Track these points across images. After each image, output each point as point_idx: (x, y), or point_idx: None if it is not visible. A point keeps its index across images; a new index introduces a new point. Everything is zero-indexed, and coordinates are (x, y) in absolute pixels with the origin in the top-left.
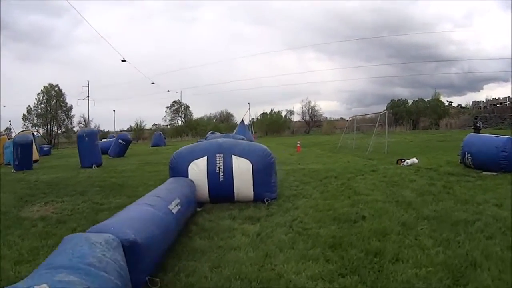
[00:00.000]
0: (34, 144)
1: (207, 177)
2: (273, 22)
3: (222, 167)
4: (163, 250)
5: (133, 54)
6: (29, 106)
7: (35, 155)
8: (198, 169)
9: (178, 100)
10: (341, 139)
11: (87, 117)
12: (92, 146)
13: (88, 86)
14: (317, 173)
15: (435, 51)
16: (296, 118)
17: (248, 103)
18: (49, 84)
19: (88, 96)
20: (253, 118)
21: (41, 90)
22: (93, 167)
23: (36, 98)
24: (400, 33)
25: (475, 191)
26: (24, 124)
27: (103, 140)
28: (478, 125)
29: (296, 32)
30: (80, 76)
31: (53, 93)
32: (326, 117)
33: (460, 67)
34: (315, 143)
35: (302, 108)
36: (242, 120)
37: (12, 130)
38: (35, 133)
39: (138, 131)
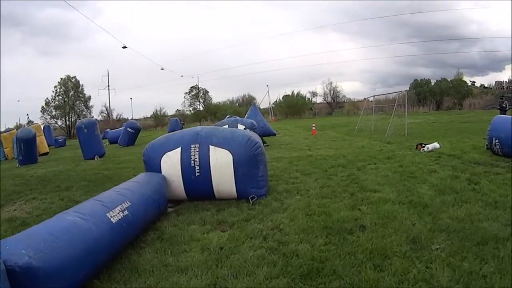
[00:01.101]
0: (44, 136)
1: (181, 172)
2: (293, 3)
3: (197, 159)
4: (85, 274)
5: (151, 41)
6: (47, 98)
7: (45, 148)
8: (170, 162)
9: (196, 85)
10: (359, 121)
11: (108, 106)
12: (92, 137)
13: (108, 76)
14: (325, 160)
15: (456, 31)
16: (319, 100)
17: (267, 86)
18: (66, 76)
19: (108, 86)
20: (275, 101)
21: (58, 82)
22: (95, 158)
23: (53, 90)
24: (422, 11)
25: (507, 188)
26: (42, 116)
27: (114, 129)
28: (505, 105)
29: (316, 13)
30: (100, 67)
31: (70, 84)
32: (350, 98)
33: (481, 47)
34: (334, 125)
35: (324, 89)
36: (254, 103)
37: (33, 123)
38: (44, 125)
39: (158, 118)
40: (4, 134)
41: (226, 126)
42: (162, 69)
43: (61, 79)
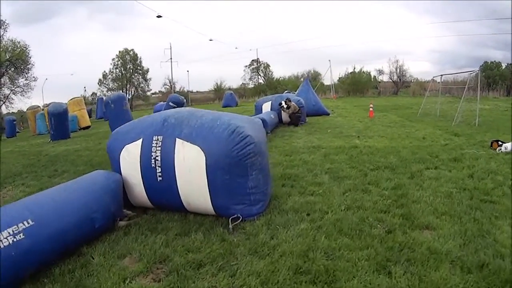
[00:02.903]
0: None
1: (141, 174)
2: None
3: (159, 158)
4: None
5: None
6: (104, 71)
7: (86, 122)
8: (130, 159)
9: (258, 58)
10: (423, 104)
11: (171, 79)
12: (120, 112)
13: (170, 49)
14: (371, 156)
15: None
16: (384, 78)
17: (329, 60)
18: (124, 49)
19: (171, 58)
20: (339, 77)
21: (116, 55)
22: None
23: (111, 63)
24: None
25: None
26: (99, 89)
27: (160, 103)
28: None
29: None
30: (164, 41)
31: (127, 57)
32: (417, 78)
33: None
34: (396, 106)
35: (390, 67)
36: (306, 78)
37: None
38: (99, 97)
39: (218, 91)
40: (30, 111)
41: (269, 103)
42: (210, 40)
43: (119, 51)
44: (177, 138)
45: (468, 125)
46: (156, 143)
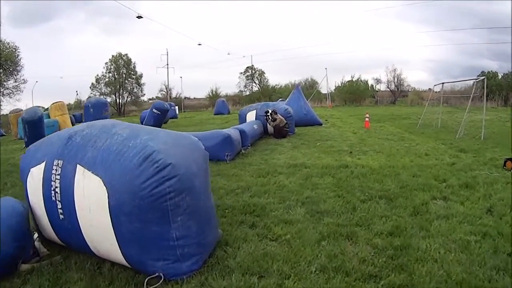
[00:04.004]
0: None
1: (44, 206)
2: None
3: (58, 190)
4: None
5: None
6: (97, 75)
7: (69, 126)
8: (33, 186)
9: (252, 65)
10: (423, 114)
11: (167, 85)
12: (99, 118)
13: (167, 54)
14: (363, 180)
15: None
16: (382, 87)
17: (326, 68)
18: (118, 53)
19: (167, 64)
20: (336, 86)
21: (109, 59)
22: None
23: (104, 67)
24: None
25: None
26: (92, 93)
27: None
28: None
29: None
30: (160, 46)
31: (121, 62)
32: (414, 87)
33: None
34: (394, 116)
35: (387, 76)
36: (297, 86)
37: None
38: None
39: (213, 98)
40: (12, 114)
41: (254, 112)
42: (199, 44)
43: (112, 56)
44: (78, 165)
45: (473, 139)
46: (56, 170)
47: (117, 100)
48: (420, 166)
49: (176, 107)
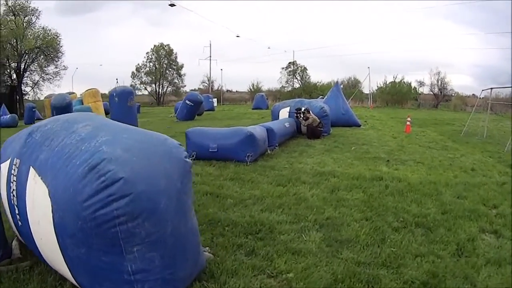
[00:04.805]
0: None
1: (8, 206)
2: None
3: (15, 193)
4: None
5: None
6: (138, 64)
7: (101, 115)
8: (2, 183)
9: (295, 61)
10: (468, 121)
11: (209, 77)
12: (124, 108)
13: (210, 46)
14: (399, 199)
15: None
16: (425, 90)
17: (368, 67)
18: (160, 43)
19: (210, 56)
20: (379, 86)
21: (151, 49)
22: None
23: (145, 57)
24: None
25: None
26: (133, 81)
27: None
28: None
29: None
30: (204, 39)
31: (162, 52)
32: (457, 92)
33: None
34: (436, 121)
35: (431, 79)
36: (337, 83)
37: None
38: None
39: (254, 92)
40: (47, 99)
41: (287, 109)
42: (237, 36)
43: (154, 46)
44: (31, 167)
45: None
46: (14, 170)
47: (157, 90)
48: (465, 184)
49: (215, 99)
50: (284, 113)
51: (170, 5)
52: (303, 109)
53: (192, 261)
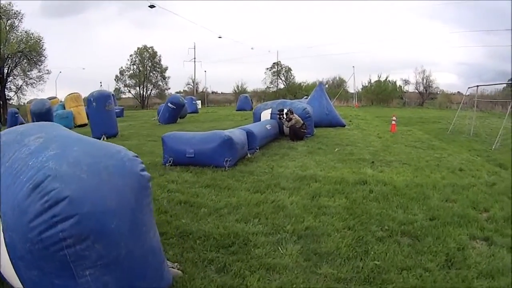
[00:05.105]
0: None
1: None
2: None
3: None
4: None
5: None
6: (121, 67)
7: (82, 119)
8: None
9: (279, 61)
10: (454, 119)
11: (193, 78)
12: (103, 112)
13: (194, 48)
14: (383, 205)
15: None
16: (410, 88)
17: (353, 67)
18: (143, 46)
19: (194, 58)
20: (364, 86)
21: (134, 51)
22: (103, 138)
23: (128, 59)
24: None
25: None
26: (117, 85)
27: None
28: None
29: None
30: (188, 41)
31: (146, 54)
32: (442, 90)
33: None
34: (422, 119)
35: (416, 77)
36: (320, 83)
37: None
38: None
39: (238, 93)
40: (29, 104)
41: (269, 111)
42: (219, 37)
43: (137, 48)
44: None
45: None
46: None
47: (141, 92)
48: (454, 186)
49: (199, 102)
50: (266, 115)
51: (149, 6)
52: (285, 110)
53: (154, 282)
